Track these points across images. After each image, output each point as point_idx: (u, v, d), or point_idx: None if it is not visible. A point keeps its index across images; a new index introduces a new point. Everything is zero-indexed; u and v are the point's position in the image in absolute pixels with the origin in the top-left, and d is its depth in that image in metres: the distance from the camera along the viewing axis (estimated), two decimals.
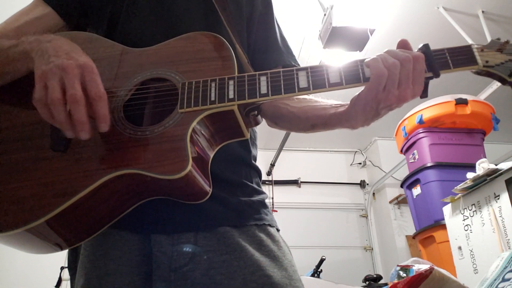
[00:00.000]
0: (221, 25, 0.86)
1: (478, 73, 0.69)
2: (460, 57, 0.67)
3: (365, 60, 0.67)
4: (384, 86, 0.64)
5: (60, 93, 0.60)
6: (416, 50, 0.68)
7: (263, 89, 0.67)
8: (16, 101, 0.75)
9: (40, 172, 0.66)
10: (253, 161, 0.90)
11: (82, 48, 0.69)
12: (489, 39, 0.69)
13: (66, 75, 0.61)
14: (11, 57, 0.72)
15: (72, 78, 0.61)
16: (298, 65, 0.96)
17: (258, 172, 0.91)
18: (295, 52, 1.01)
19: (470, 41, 3.20)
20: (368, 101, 0.67)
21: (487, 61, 0.67)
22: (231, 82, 0.68)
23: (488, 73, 0.68)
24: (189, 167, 0.61)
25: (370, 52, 3.07)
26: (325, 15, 2.84)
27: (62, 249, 0.70)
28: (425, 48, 0.67)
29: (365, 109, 0.69)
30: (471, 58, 0.67)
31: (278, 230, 0.85)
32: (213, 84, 0.68)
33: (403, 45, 0.69)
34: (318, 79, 0.67)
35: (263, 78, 0.68)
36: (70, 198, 0.62)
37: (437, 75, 0.66)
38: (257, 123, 0.80)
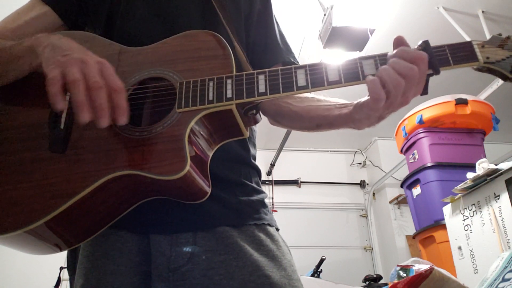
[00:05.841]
0: (219, 23, 0.85)
1: (479, 69, 0.67)
2: (461, 53, 0.65)
3: (366, 78, 0.64)
4: (386, 100, 0.63)
5: (83, 77, 0.60)
6: (416, 47, 0.66)
7: (262, 88, 0.66)
8: (14, 102, 0.75)
9: (38, 174, 0.66)
10: (252, 160, 0.89)
11: None
12: None
13: (86, 66, 0.61)
14: (15, 54, 0.72)
15: (93, 69, 0.62)
16: (297, 62, 0.95)
17: (257, 171, 0.90)
18: (295, 52, 1.00)
19: None
20: (371, 111, 0.67)
21: (488, 57, 0.65)
22: (229, 81, 0.67)
23: (489, 69, 0.66)
24: (187, 168, 0.61)
25: (370, 52, 3.08)
26: (325, 15, 2.83)
27: (61, 250, 0.70)
28: (425, 45, 0.65)
29: (369, 116, 0.69)
30: (472, 54, 0.65)
31: (277, 229, 0.84)
32: (211, 83, 0.68)
33: (399, 43, 0.67)
34: (316, 77, 0.66)
35: (261, 77, 0.67)
36: (69, 199, 0.62)
37: (437, 72, 0.65)
38: (256, 122, 0.80)
